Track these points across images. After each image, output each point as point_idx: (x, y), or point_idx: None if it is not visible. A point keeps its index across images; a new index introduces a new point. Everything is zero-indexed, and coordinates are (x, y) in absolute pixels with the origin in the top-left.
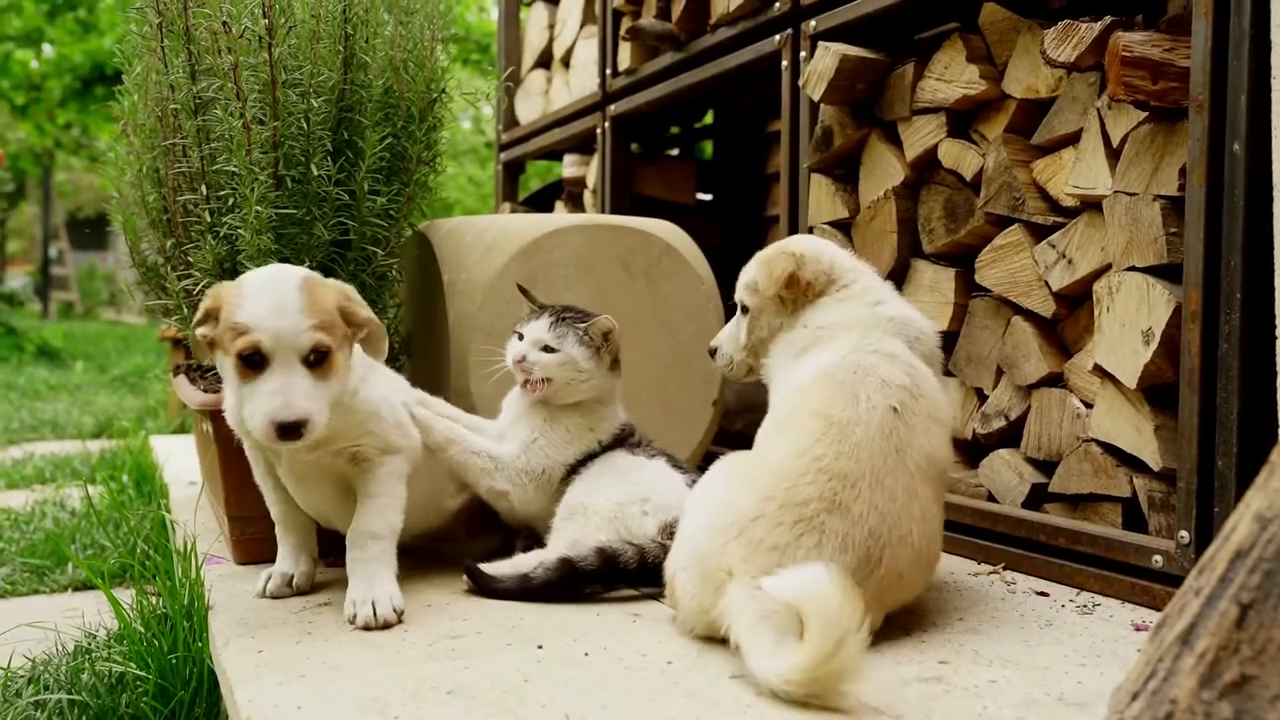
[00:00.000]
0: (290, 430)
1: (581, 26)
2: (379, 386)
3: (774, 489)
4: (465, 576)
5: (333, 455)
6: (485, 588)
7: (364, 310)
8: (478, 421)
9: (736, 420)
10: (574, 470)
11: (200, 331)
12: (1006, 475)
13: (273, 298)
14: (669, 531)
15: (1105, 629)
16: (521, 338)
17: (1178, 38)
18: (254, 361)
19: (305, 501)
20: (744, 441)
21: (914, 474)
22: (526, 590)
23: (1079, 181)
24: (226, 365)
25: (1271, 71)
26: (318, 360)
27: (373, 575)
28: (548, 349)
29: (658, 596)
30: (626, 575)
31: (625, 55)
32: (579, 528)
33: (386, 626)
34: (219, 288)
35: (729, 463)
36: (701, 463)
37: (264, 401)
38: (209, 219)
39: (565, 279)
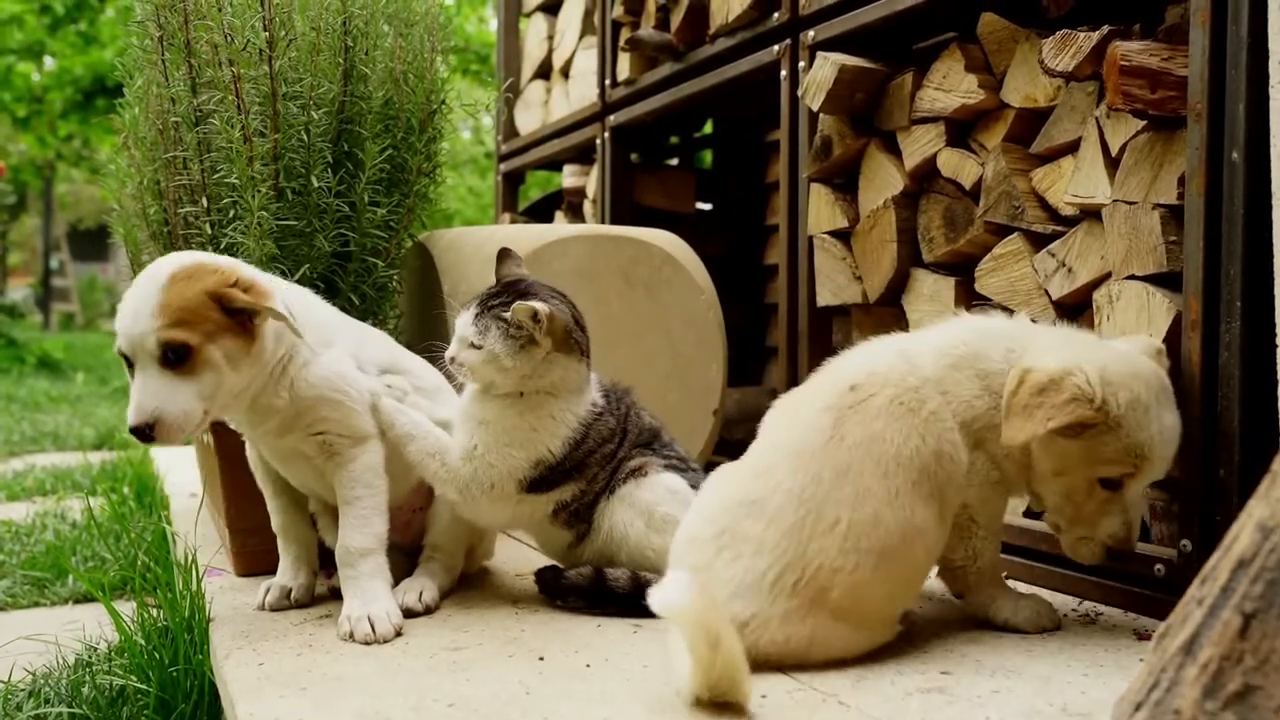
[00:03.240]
0: (141, 433)
1: (581, 37)
2: (332, 365)
3: (704, 504)
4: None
5: (300, 441)
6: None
7: (245, 296)
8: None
9: (737, 429)
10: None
11: None
12: None
13: (132, 301)
14: None
15: (1107, 638)
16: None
17: (1175, 47)
18: (128, 365)
19: (297, 479)
20: (745, 451)
21: (852, 456)
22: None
23: (1078, 190)
24: None
25: (1270, 80)
26: (177, 359)
27: (366, 592)
28: (474, 345)
29: None
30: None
31: (625, 66)
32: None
33: (384, 641)
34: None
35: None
36: (704, 470)
37: (130, 406)
38: (210, 231)
39: (565, 289)
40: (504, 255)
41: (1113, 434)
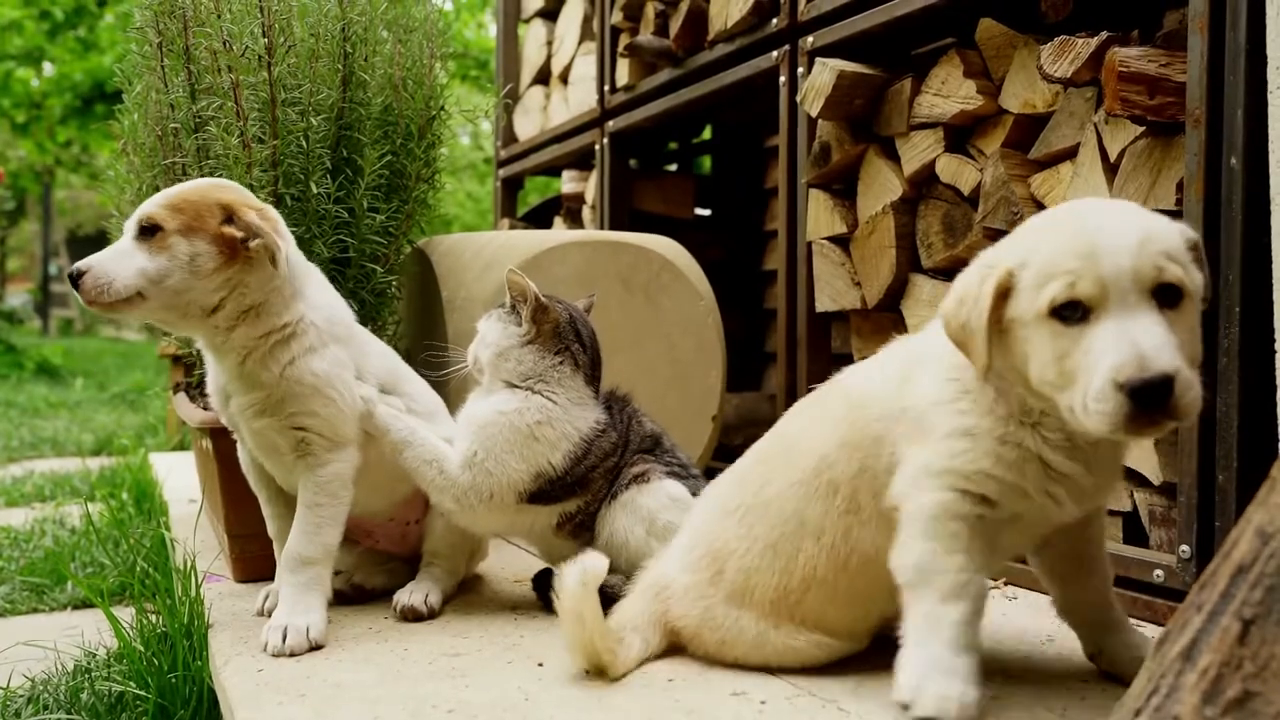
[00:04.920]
0: (72, 280)
1: (580, 43)
2: (335, 362)
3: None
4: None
5: (277, 431)
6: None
7: (254, 218)
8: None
9: (737, 435)
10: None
11: None
12: None
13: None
14: None
15: None
16: None
17: (1174, 53)
18: None
19: (282, 478)
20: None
21: (776, 444)
22: None
23: (1077, 195)
24: None
25: (1268, 86)
26: (146, 233)
27: (297, 602)
28: (486, 342)
29: None
30: None
31: (623, 72)
32: None
33: (291, 655)
34: None
35: None
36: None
37: None
38: None
39: (564, 295)
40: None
41: (1024, 278)
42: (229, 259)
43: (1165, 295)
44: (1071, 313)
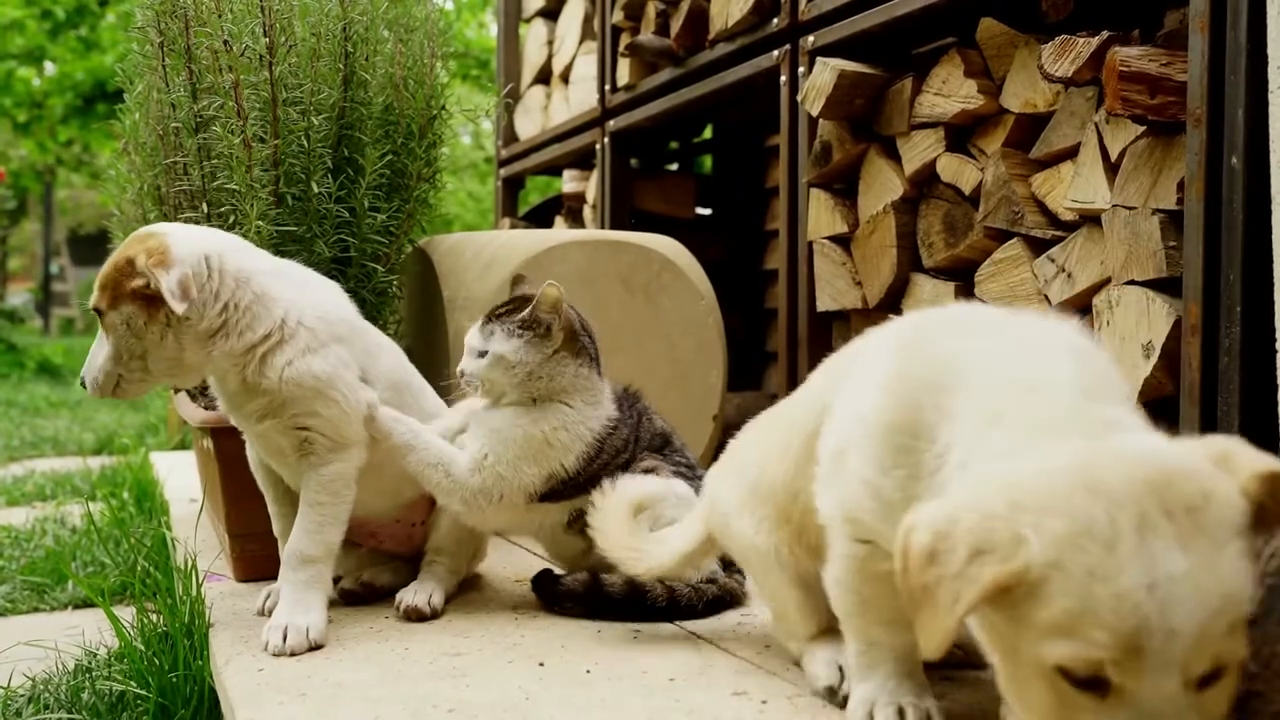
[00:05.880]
0: (82, 383)
1: (580, 43)
2: (335, 362)
3: None
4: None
5: (280, 432)
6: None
7: (142, 263)
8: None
9: (737, 434)
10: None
11: None
12: None
13: None
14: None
15: None
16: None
17: (1174, 52)
18: None
19: (289, 478)
20: None
21: None
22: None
23: (1077, 195)
24: None
25: (1269, 85)
26: (99, 320)
27: (298, 601)
28: (481, 354)
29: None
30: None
31: (624, 71)
32: None
33: (292, 655)
34: None
35: None
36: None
37: None
38: None
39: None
40: (517, 281)
41: (1040, 596)
42: (153, 310)
43: (1210, 676)
44: (1087, 682)
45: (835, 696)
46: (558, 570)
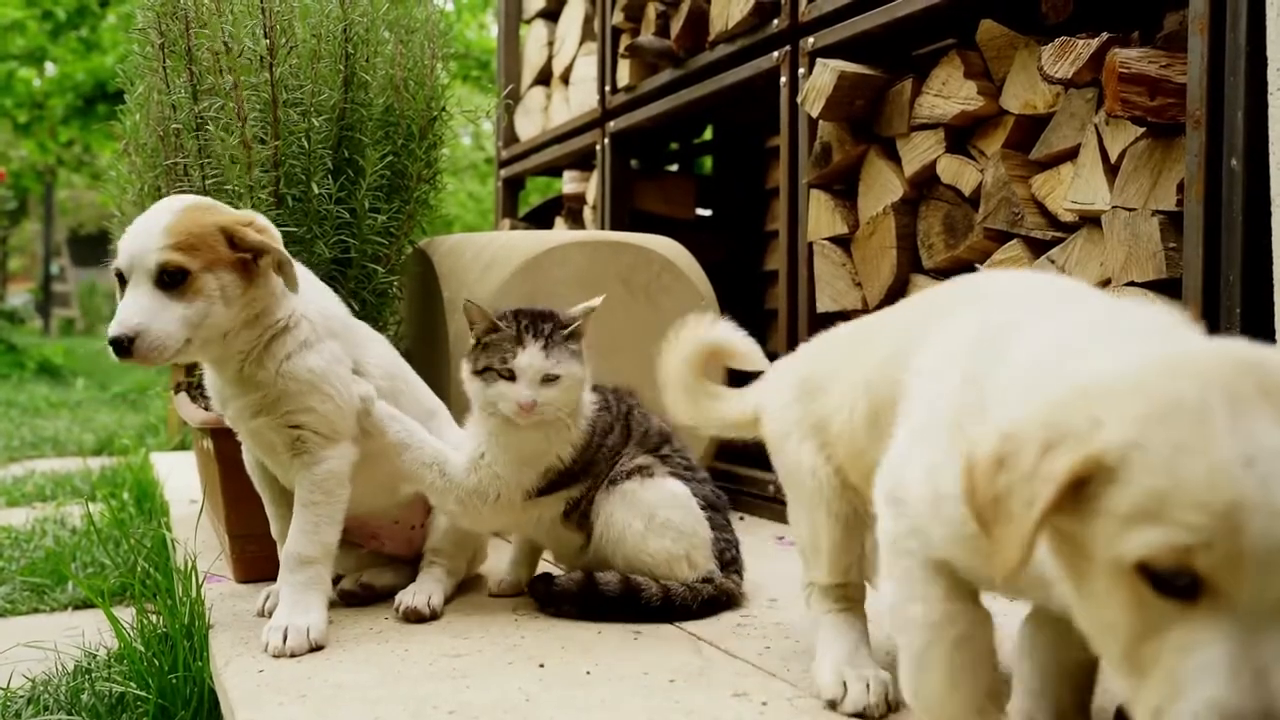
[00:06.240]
0: (120, 345)
1: (581, 44)
2: (330, 357)
3: None
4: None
5: (273, 429)
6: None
7: (257, 235)
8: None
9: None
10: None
11: None
12: None
13: (141, 222)
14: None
15: None
16: (511, 375)
17: (1174, 54)
18: (121, 282)
19: (283, 477)
20: (748, 454)
21: None
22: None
23: (1077, 197)
24: None
25: (1268, 87)
26: (172, 281)
27: (297, 602)
28: (548, 378)
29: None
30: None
31: (624, 72)
32: None
33: (292, 656)
34: None
35: None
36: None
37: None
38: None
39: (565, 296)
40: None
41: (1120, 481)
42: (249, 281)
43: None
44: (1174, 583)
45: (835, 710)
46: (556, 571)
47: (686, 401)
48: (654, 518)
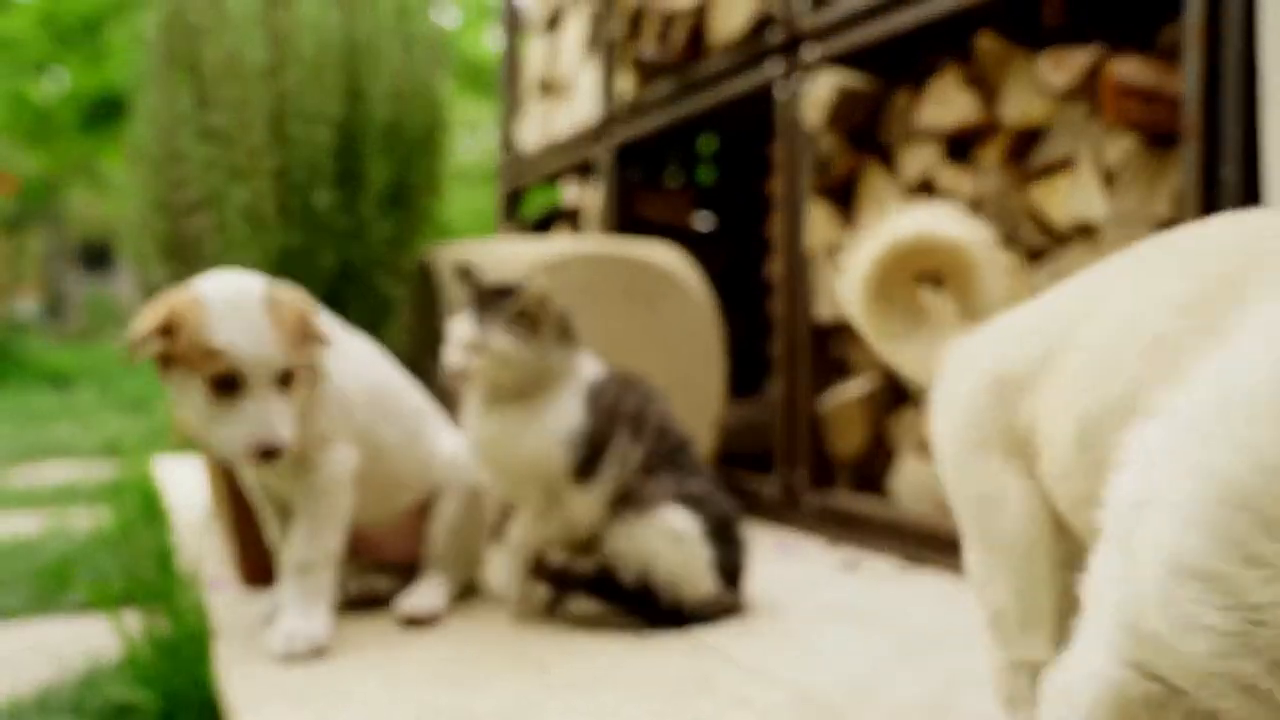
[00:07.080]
0: (272, 454)
1: (582, 56)
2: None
3: None
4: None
5: None
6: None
7: (319, 322)
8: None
9: (737, 442)
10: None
11: (155, 346)
12: None
13: (244, 320)
14: None
15: None
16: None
17: (1170, 65)
18: (228, 384)
19: (283, 488)
20: (748, 462)
21: None
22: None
23: (1074, 207)
24: (191, 383)
25: (1263, 97)
26: (286, 380)
27: (301, 609)
28: (478, 347)
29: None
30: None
31: (625, 83)
32: None
33: (297, 661)
34: (174, 301)
35: None
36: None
37: (243, 425)
38: (215, 248)
39: (565, 305)
40: (465, 274)
41: None
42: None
43: None
44: None
45: None
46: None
47: (875, 324)
48: (656, 554)
